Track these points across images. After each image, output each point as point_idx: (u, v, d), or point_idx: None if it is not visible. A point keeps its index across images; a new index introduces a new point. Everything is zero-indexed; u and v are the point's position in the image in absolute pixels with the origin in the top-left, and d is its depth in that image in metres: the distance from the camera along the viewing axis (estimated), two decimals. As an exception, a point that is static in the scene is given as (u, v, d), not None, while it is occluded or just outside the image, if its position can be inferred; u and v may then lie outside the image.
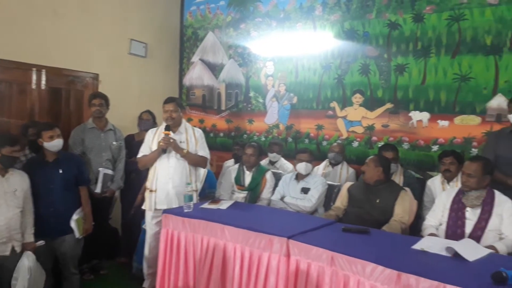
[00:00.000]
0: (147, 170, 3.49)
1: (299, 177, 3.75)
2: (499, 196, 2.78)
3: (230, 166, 4.18)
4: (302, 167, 3.69)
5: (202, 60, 5.82)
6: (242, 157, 3.93)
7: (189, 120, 5.89)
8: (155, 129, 3.57)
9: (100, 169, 3.76)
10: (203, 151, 3.52)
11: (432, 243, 2.38)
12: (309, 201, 3.58)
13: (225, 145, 5.58)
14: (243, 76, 5.47)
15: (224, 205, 3.21)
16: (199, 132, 3.58)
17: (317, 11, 4.81)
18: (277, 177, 3.97)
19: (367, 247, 2.34)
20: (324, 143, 4.84)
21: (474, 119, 3.93)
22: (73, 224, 3.23)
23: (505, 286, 1.81)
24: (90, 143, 3.82)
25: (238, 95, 5.53)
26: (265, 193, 3.78)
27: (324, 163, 4.43)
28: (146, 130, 3.66)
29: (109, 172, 3.82)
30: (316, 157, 4.67)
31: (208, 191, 3.97)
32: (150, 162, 3.39)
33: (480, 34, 3.86)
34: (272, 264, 2.51)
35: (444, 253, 2.23)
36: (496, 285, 1.82)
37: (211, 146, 5.48)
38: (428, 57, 4.13)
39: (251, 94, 5.40)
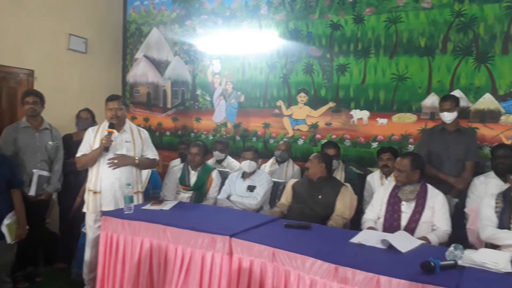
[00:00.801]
0: (86, 171, 3.34)
1: (245, 175, 3.76)
2: (431, 190, 2.95)
3: (176, 166, 4.11)
4: (246, 165, 3.70)
5: (146, 56, 5.67)
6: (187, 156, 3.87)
7: (133, 118, 5.71)
8: (95, 127, 3.41)
9: (35, 170, 3.54)
10: (152, 152, 3.44)
11: (369, 236, 2.47)
12: (255, 199, 3.60)
13: (171, 144, 5.48)
14: (189, 74, 5.39)
15: (167, 206, 3.15)
16: (145, 133, 3.47)
17: (263, 10, 4.84)
18: (224, 176, 3.95)
19: (308, 242, 2.39)
20: (271, 141, 4.89)
21: (410, 117, 4.14)
22: (4, 229, 3.02)
23: (433, 274, 1.91)
24: (24, 143, 3.59)
25: (185, 93, 5.44)
26: (211, 193, 3.75)
27: (271, 160, 4.47)
28: (85, 130, 3.49)
29: (45, 173, 3.61)
30: (264, 155, 4.73)
31: (152, 192, 3.87)
32: (91, 161, 3.23)
33: (415, 36, 4.07)
34: (215, 264, 2.49)
35: (379, 245, 2.32)
36: (425, 273, 1.92)
37: (157, 146, 5.30)
38: (368, 57, 4.30)
39: (198, 92, 5.34)
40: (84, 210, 3.29)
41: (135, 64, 5.78)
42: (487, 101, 3.78)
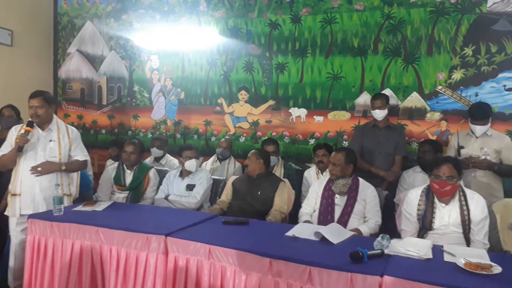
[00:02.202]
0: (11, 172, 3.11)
1: (183, 174, 3.67)
2: (363, 183, 3.08)
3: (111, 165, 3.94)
4: (192, 164, 3.60)
5: (79, 51, 5.39)
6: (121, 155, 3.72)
7: (66, 116, 5.43)
8: (19, 125, 3.18)
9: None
10: (82, 153, 3.24)
11: (304, 229, 2.53)
12: (194, 198, 3.55)
13: (107, 142, 5.23)
14: (126, 69, 5.21)
15: (100, 207, 3.02)
16: (74, 132, 3.24)
17: (202, 7, 4.79)
18: (163, 175, 3.85)
19: (244, 237, 2.41)
20: (213, 138, 4.86)
21: (345, 115, 4.31)
22: None
23: (361, 263, 2.00)
24: None
25: (121, 89, 5.25)
26: (149, 192, 3.64)
27: (212, 158, 4.44)
28: (9, 128, 3.24)
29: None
30: (205, 152, 4.70)
31: (85, 193, 3.69)
32: (9, 162, 3.01)
33: (349, 36, 4.23)
34: (150, 264, 2.43)
35: (313, 238, 2.39)
36: (354, 263, 2.00)
37: (92, 144, 5.19)
38: (305, 56, 4.41)
39: (136, 88, 5.18)
40: (6, 213, 3.07)
41: (67, 59, 5.48)
42: (414, 100, 4.03)
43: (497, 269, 1.91)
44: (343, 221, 2.93)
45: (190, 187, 3.61)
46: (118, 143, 4.35)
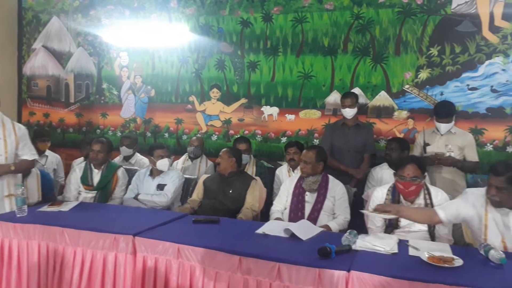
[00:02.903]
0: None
1: (154, 173, 3.60)
2: (332, 181, 3.12)
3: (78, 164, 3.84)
4: (164, 164, 3.52)
5: (45, 47, 5.23)
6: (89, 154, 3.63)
7: (31, 114, 5.25)
8: None
9: None
10: (30, 152, 3.07)
11: (274, 226, 2.54)
12: (165, 196, 3.49)
13: (75, 141, 5.12)
14: (94, 66, 5.09)
15: (66, 207, 2.93)
16: (21, 130, 3.05)
17: (172, 3, 4.73)
18: (132, 174, 3.78)
19: (214, 236, 2.39)
20: (184, 137, 4.81)
21: (316, 113, 4.35)
22: None
23: (329, 259, 2.03)
24: None
25: (89, 86, 5.13)
26: (117, 192, 3.56)
27: (184, 157, 4.40)
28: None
29: None
30: (176, 151, 4.65)
31: (48, 194, 3.56)
32: None
33: (319, 36, 4.28)
34: (118, 264, 2.38)
35: (283, 234, 2.40)
36: (322, 259, 2.03)
37: (59, 143, 5.04)
38: (277, 55, 4.43)
39: (104, 85, 5.07)
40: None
41: (32, 55, 5.31)
42: (382, 98, 4.12)
43: (458, 262, 1.98)
44: (313, 217, 2.96)
45: (161, 187, 3.55)
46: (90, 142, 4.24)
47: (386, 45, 4.07)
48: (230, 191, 3.32)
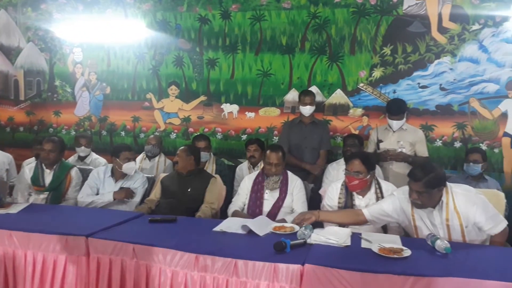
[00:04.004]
0: None
1: (117, 175, 3.42)
2: (291, 176, 3.15)
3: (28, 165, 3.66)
4: (131, 167, 3.37)
5: (-8, 42, 4.96)
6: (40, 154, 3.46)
7: (-23, 112, 4.96)
8: None
9: None
10: None
11: (232, 223, 2.55)
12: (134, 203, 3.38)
13: (26, 141, 4.90)
14: (46, 63, 4.90)
15: (14, 209, 2.80)
16: None
17: (128, -2, 4.63)
18: (86, 174, 3.64)
19: (170, 235, 2.36)
20: (142, 135, 4.72)
21: (275, 111, 4.40)
22: None
23: (284, 253, 2.06)
24: None
25: (41, 83, 4.92)
26: (71, 192, 3.43)
27: (141, 156, 4.31)
28: None
29: None
30: (134, 150, 4.53)
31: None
32: None
33: (277, 34, 4.33)
34: (70, 267, 2.31)
35: (240, 231, 2.41)
36: (277, 253, 2.06)
37: (8, 143, 4.80)
38: (236, 53, 4.43)
39: (57, 82, 4.88)
40: None
41: (-23, 50, 5.02)
42: (338, 96, 4.22)
43: (407, 252, 2.07)
44: (272, 214, 2.98)
45: None
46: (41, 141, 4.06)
47: (341, 44, 4.17)
48: (189, 190, 3.29)
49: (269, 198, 3.07)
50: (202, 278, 2.08)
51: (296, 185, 3.11)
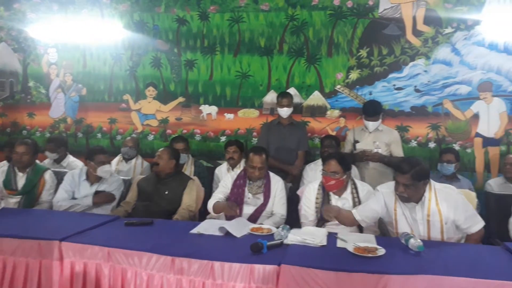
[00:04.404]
0: None
1: (91, 179, 3.33)
2: (273, 178, 3.08)
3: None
4: (106, 170, 3.30)
5: (-38, 41, 4.81)
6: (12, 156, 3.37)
7: None
8: None
9: None
10: None
11: (209, 225, 2.54)
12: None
13: (-2, 143, 4.77)
14: (19, 63, 4.79)
15: (-15, 213, 2.72)
16: None
17: (104, -1, 4.57)
18: (62, 177, 3.56)
19: (147, 238, 2.34)
20: (119, 137, 4.66)
21: (254, 112, 4.41)
22: None
23: (261, 254, 2.07)
24: None
25: (14, 84, 4.80)
26: (45, 196, 3.34)
27: (117, 158, 4.25)
28: None
29: None
30: (110, 152, 4.46)
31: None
32: None
33: (256, 36, 4.34)
34: (43, 272, 2.25)
35: (218, 233, 2.41)
36: (254, 254, 2.07)
37: None
38: (214, 54, 4.43)
39: (31, 83, 4.77)
40: None
41: None
42: (316, 98, 4.27)
43: (381, 251, 2.11)
44: (254, 219, 2.91)
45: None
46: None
47: (319, 47, 4.22)
48: (166, 192, 3.25)
49: (251, 202, 2.99)
50: (178, 281, 2.07)
51: (278, 187, 3.05)
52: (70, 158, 4.20)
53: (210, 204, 3.00)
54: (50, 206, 3.34)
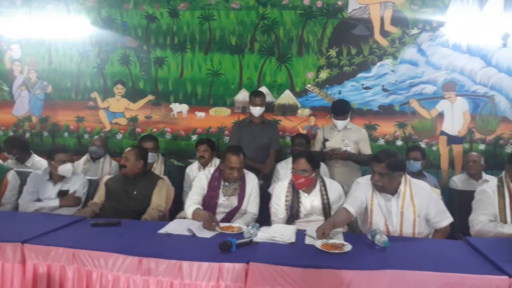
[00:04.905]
0: None
1: (55, 178, 3.26)
2: (248, 177, 3.02)
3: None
4: (67, 169, 3.22)
5: None
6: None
7: None
8: None
9: None
10: None
11: (178, 225, 2.51)
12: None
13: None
14: (-20, 60, 4.58)
15: None
16: None
17: (71, -6, 4.43)
18: (25, 177, 3.44)
19: (113, 238, 2.29)
20: (86, 136, 4.54)
21: (225, 111, 4.40)
22: None
23: (230, 252, 2.07)
24: None
25: (-26, 81, 4.60)
26: (8, 197, 3.22)
27: (85, 157, 4.15)
28: None
29: None
30: (77, 151, 4.38)
31: None
32: None
33: (227, 34, 4.33)
34: (4, 275, 2.17)
35: (186, 233, 2.38)
36: (223, 253, 2.06)
37: None
38: (185, 52, 4.38)
39: (-8, 81, 4.58)
40: None
41: None
42: (287, 97, 4.30)
43: (348, 247, 2.14)
44: (226, 220, 2.87)
45: (62, 193, 3.28)
46: None
47: (289, 46, 4.25)
48: (135, 192, 3.19)
49: (226, 205, 2.93)
50: (145, 281, 2.04)
51: (253, 186, 3.00)
52: (36, 158, 4.04)
53: (190, 209, 2.81)
54: (13, 207, 3.24)
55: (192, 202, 2.87)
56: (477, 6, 4.00)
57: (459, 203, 3.15)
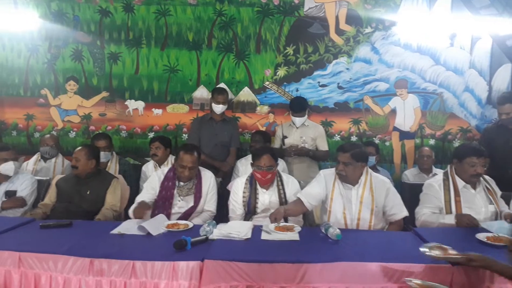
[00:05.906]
0: None
1: (0, 178, 3.15)
2: (204, 175, 2.98)
3: None
4: (9, 168, 3.11)
5: None
6: None
7: None
8: None
9: None
10: None
11: (131, 225, 2.46)
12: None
13: None
14: None
15: None
16: None
17: (17, -14, 4.21)
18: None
19: (64, 240, 2.21)
20: (37, 134, 4.35)
21: (183, 108, 4.34)
22: None
23: (184, 251, 2.05)
24: None
25: None
26: None
27: (35, 157, 3.96)
28: None
29: None
30: (27, 151, 4.19)
31: None
32: None
33: (184, 30, 4.27)
34: None
35: (140, 232, 2.34)
36: (178, 251, 2.04)
37: None
38: (140, 47, 4.28)
39: None
40: None
41: None
42: (246, 94, 4.30)
43: (297, 228, 2.34)
44: (185, 218, 2.82)
45: (10, 194, 3.13)
46: None
47: (247, 43, 4.25)
48: (88, 192, 3.09)
49: (181, 205, 2.88)
50: (98, 282, 1.99)
51: (210, 184, 2.97)
52: (-19, 158, 3.83)
53: (131, 210, 2.78)
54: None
55: (135, 204, 2.81)
56: (426, 6, 4.18)
57: (410, 196, 3.26)
